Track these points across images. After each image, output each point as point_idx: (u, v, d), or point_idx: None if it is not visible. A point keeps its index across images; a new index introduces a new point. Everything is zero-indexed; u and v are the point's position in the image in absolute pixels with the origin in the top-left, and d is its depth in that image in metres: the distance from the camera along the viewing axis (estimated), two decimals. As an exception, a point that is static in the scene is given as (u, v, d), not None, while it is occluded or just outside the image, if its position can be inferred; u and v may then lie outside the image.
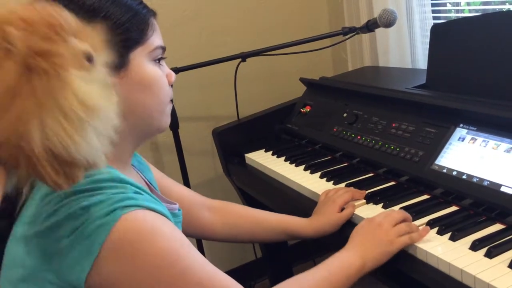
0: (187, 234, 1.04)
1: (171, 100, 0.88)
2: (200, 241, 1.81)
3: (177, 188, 1.11)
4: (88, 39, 0.61)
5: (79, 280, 0.69)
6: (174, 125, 1.66)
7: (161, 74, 0.83)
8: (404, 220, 0.98)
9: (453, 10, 1.77)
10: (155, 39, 0.82)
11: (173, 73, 0.87)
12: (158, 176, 1.06)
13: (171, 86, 0.87)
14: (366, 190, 1.16)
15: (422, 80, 1.42)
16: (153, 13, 0.84)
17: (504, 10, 1.55)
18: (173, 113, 1.64)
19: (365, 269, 0.91)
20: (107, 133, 0.61)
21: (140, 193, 0.75)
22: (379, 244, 0.93)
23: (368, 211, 1.08)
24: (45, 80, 0.55)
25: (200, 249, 1.82)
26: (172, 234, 0.74)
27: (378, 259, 0.92)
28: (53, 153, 0.56)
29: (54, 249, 0.69)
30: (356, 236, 0.97)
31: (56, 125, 0.55)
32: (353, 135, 1.37)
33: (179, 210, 0.89)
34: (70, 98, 0.56)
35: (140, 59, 0.79)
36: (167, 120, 0.87)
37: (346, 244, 0.96)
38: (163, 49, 0.84)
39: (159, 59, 0.83)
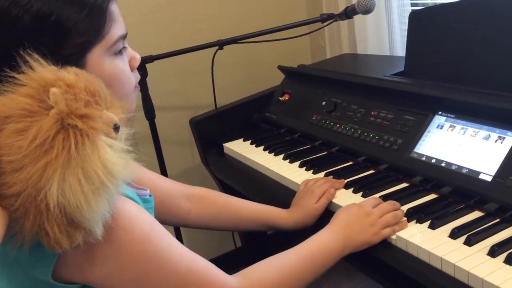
0: (165, 222, 1.02)
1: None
2: (178, 230, 1.79)
3: (153, 177, 1.08)
4: (116, 111, 0.66)
5: (46, 276, 0.68)
6: (151, 115, 1.62)
7: (121, 68, 0.77)
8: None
9: (430, -3, 1.77)
10: (115, 30, 0.75)
11: (137, 57, 0.81)
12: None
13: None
14: (346, 178, 1.16)
15: (401, 67, 1.42)
16: None
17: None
18: (149, 103, 1.61)
19: (343, 254, 0.92)
20: (115, 200, 0.64)
21: None
22: (363, 233, 0.93)
23: (348, 200, 1.07)
24: (79, 139, 0.59)
25: (179, 238, 1.80)
26: (145, 220, 0.73)
27: (358, 247, 0.93)
28: (65, 212, 0.59)
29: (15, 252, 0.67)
30: (342, 217, 0.96)
31: (76, 185, 0.58)
32: (332, 124, 1.36)
33: (150, 196, 0.87)
34: (96, 160, 0.60)
35: (98, 58, 0.73)
36: (132, 105, 0.81)
37: (330, 221, 0.96)
38: (124, 37, 0.78)
39: (121, 49, 0.77)
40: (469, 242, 0.86)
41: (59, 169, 0.58)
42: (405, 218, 0.96)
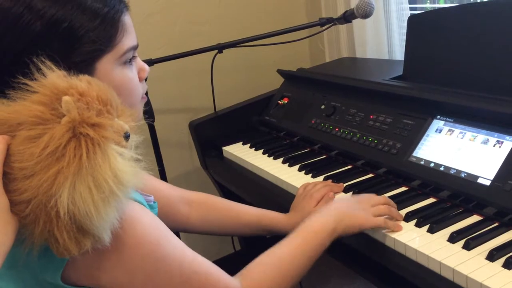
0: None
1: (147, 93, 0.85)
2: (177, 233, 1.79)
3: (153, 181, 1.08)
4: (127, 120, 0.67)
5: (55, 279, 0.69)
6: (150, 118, 1.62)
7: (130, 77, 0.78)
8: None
9: (428, 1, 1.77)
10: (126, 41, 0.76)
11: (146, 68, 0.83)
12: None
13: (146, 78, 0.84)
14: (345, 182, 1.16)
15: (399, 71, 1.42)
16: (125, 10, 0.78)
17: (479, 1, 1.56)
18: (149, 106, 1.61)
19: (335, 235, 0.93)
20: (124, 207, 0.65)
21: None
22: (353, 215, 0.95)
23: (346, 204, 1.08)
24: (90, 148, 0.60)
25: (178, 242, 1.80)
26: (152, 222, 0.74)
27: (349, 228, 0.94)
28: (75, 219, 0.59)
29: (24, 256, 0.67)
30: (335, 203, 1.00)
31: (86, 193, 0.59)
32: (331, 127, 1.36)
33: (154, 202, 0.88)
34: (106, 169, 0.60)
35: (108, 66, 0.74)
36: (138, 115, 0.83)
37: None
38: (135, 48, 0.79)
39: (130, 59, 0.79)
40: (467, 246, 0.86)
41: (70, 177, 0.58)
42: (401, 225, 0.97)
